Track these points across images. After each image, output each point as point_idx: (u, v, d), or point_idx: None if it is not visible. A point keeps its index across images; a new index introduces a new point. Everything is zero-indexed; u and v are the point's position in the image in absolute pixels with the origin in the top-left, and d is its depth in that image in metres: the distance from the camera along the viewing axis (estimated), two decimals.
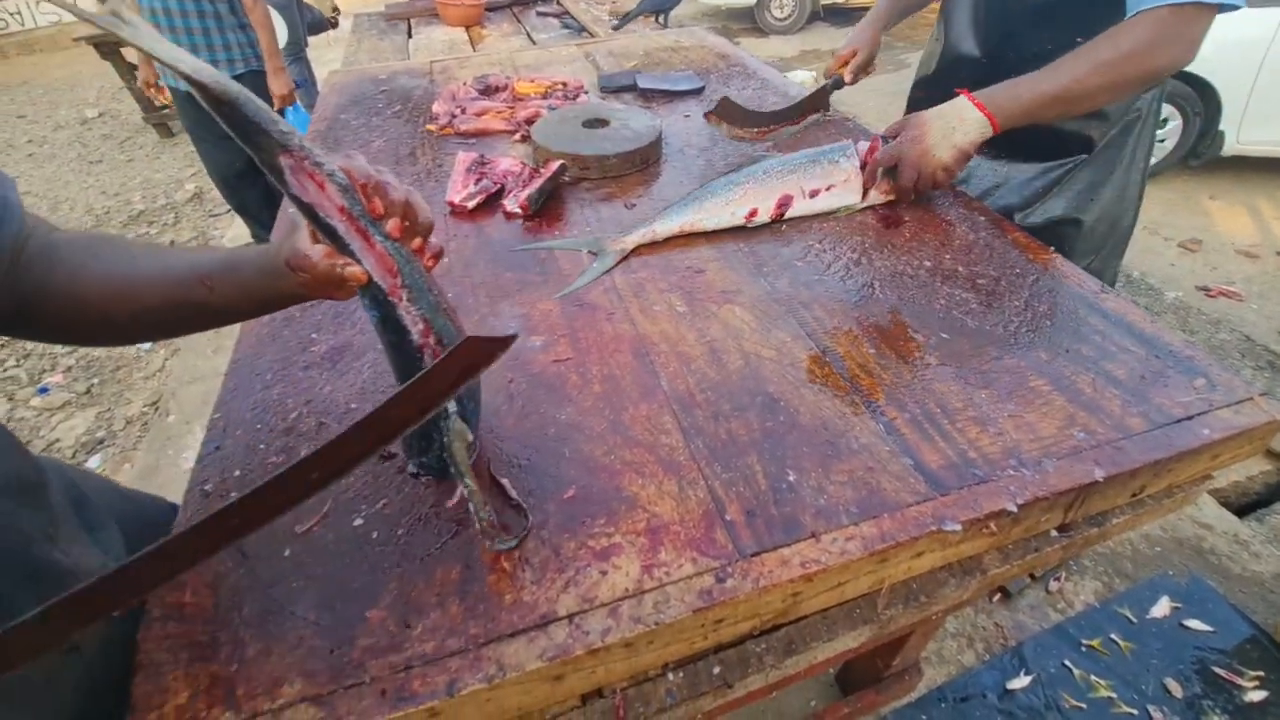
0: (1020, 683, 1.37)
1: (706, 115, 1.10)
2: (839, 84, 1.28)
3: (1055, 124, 1.06)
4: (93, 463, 2.19)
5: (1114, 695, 1.33)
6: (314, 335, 0.81)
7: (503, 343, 0.41)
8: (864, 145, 1.03)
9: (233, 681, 0.47)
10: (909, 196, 1.00)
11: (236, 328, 0.79)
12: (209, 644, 0.50)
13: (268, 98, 2.52)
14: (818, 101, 1.17)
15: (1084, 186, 1.16)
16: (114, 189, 4.03)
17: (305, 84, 2.98)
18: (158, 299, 0.56)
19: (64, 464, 0.60)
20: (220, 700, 0.46)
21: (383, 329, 0.54)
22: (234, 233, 3.41)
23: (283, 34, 2.51)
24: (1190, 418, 0.65)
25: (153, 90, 2.62)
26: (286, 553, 0.56)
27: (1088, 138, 1.13)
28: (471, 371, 0.41)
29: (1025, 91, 0.92)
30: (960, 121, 0.94)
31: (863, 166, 1.01)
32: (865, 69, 1.30)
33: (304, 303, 0.58)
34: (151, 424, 2.31)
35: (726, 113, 1.09)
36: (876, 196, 1.02)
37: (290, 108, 2.58)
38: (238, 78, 2.40)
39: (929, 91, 1.27)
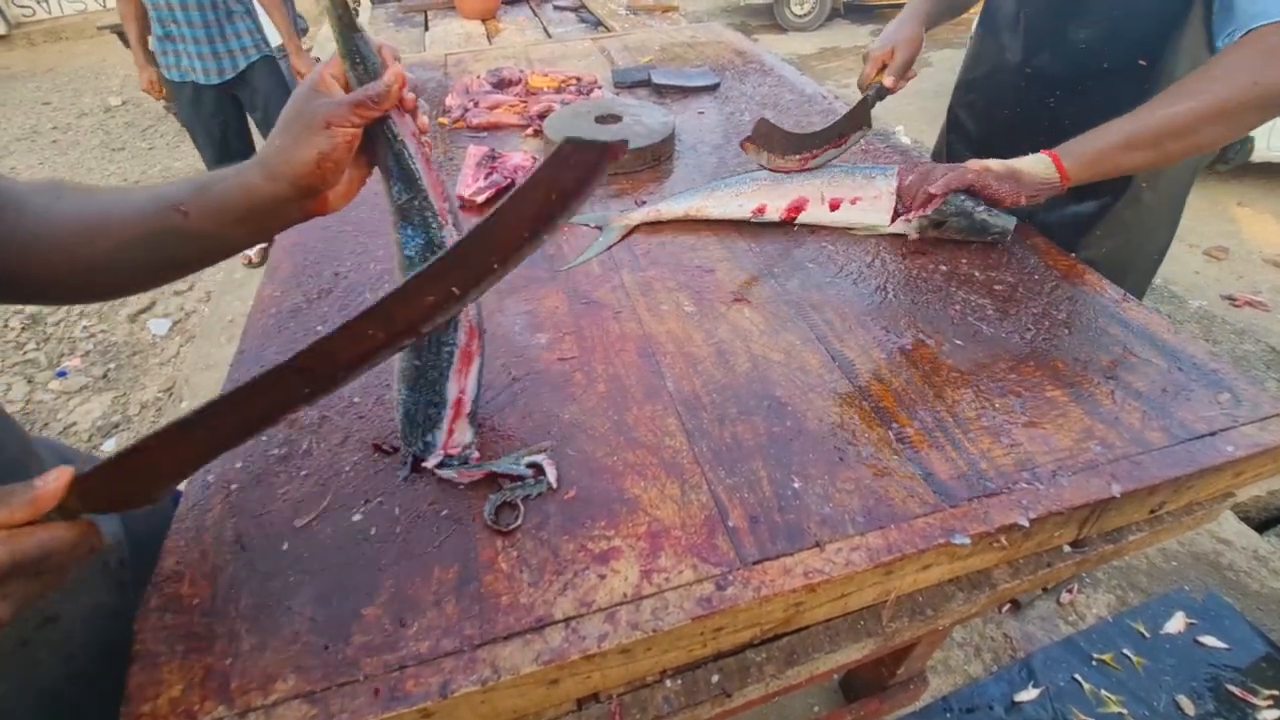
0: (1028, 695, 1.34)
1: (743, 144, 0.93)
2: (882, 93, 1.06)
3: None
4: (108, 446, 2.23)
5: (1124, 711, 1.30)
6: (319, 329, 0.80)
7: (605, 150, 0.42)
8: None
9: (227, 675, 0.47)
10: (997, 188, 0.85)
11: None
12: (205, 636, 0.50)
13: (281, 82, 2.53)
14: (859, 118, 0.98)
15: (1099, 230, 1.08)
16: (135, 176, 4.08)
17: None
18: (131, 233, 0.52)
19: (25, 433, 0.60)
20: (214, 694, 0.46)
21: (422, 259, 0.55)
22: None
23: (272, 37, 2.54)
24: (1213, 433, 0.63)
25: (160, 90, 2.65)
26: (285, 546, 0.55)
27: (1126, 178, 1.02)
28: (584, 182, 0.43)
29: (1101, 143, 0.81)
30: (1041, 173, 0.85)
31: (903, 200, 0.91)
32: (907, 72, 1.09)
33: (294, 222, 0.54)
34: (166, 409, 2.34)
35: (764, 138, 0.93)
36: (904, 225, 0.92)
37: None
38: (251, 65, 2.43)
39: (978, 95, 1.20)
